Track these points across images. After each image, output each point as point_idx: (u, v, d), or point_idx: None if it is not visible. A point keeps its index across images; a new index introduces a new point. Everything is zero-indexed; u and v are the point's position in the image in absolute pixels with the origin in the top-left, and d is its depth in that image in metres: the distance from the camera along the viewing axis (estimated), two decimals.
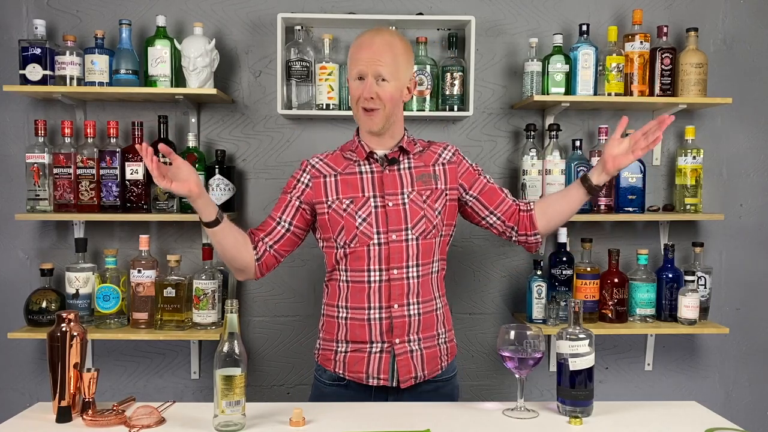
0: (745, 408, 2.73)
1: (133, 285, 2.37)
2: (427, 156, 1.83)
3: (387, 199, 1.75)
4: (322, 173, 1.79)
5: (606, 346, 2.68)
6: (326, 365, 1.82)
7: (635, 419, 1.59)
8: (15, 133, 2.55)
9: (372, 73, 1.72)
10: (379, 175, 1.78)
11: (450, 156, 1.85)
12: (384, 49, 1.73)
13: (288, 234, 1.80)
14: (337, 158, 1.82)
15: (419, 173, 1.79)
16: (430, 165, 1.82)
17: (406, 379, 1.75)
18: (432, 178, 1.80)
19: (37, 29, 2.37)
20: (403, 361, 1.75)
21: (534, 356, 1.57)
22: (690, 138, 2.54)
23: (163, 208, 2.42)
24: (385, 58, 1.72)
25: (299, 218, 1.80)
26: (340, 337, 1.78)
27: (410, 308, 1.75)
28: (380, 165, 1.79)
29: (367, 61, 1.72)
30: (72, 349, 1.52)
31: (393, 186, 1.77)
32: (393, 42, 1.76)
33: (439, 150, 1.85)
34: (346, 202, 1.75)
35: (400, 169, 1.79)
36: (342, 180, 1.78)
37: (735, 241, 2.69)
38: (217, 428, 1.45)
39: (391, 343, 1.74)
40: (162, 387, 2.60)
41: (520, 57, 2.59)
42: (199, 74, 2.34)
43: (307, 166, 1.82)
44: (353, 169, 1.79)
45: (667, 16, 2.61)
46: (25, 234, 2.57)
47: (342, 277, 1.78)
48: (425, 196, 1.77)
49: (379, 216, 1.74)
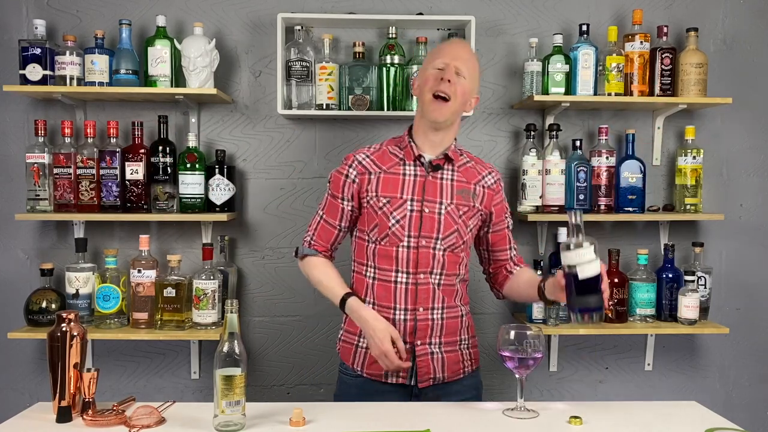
0: (745, 408, 2.73)
1: (133, 285, 2.37)
2: (471, 173, 1.84)
3: (425, 205, 1.76)
4: (368, 170, 1.80)
5: (606, 346, 2.68)
6: (346, 360, 1.84)
7: (635, 419, 1.59)
8: (15, 133, 2.55)
9: (454, 66, 1.74)
10: (422, 179, 1.78)
11: (492, 182, 1.87)
12: (468, 53, 1.82)
13: (345, 233, 1.89)
14: (383, 155, 1.82)
15: (460, 187, 1.81)
16: (471, 183, 1.83)
17: (425, 380, 1.79)
18: (471, 195, 1.82)
19: (37, 29, 2.37)
20: (423, 362, 1.78)
21: (534, 356, 1.57)
22: (690, 138, 2.54)
23: (163, 208, 2.42)
24: (469, 60, 1.79)
25: (354, 219, 1.86)
26: (363, 333, 1.78)
27: (434, 312, 1.78)
28: (425, 169, 1.79)
29: (453, 54, 1.76)
30: (72, 349, 1.52)
31: (433, 193, 1.77)
32: (473, 53, 1.87)
33: (484, 172, 1.87)
34: (383, 200, 1.76)
35: (442, 178, 1.80)
36: (384, 178, 1.78)
37: (735, 241, 2.69)
38: (217, 428, 1.45)
39: (413, 344, 1.77)
40: (162, 387, 2.60)
41: (520, 57, 2.59)
42: (199, 74, 2.34)
43: (354, 161, 1.82)
44: (398, 169, 1.79)
45: (667, 16, 2.61)
46: (25, 234, 2.57)
47: (370, 273, 1.80)
48: (462, 211, 1.79)
49: (413, 220, 1.75)
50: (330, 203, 1.85)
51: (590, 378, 2.69)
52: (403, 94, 2.46)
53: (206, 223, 2.53)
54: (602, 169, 2.48)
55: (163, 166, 2.41)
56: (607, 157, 2.48)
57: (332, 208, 1.84)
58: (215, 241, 2.51)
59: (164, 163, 2.41)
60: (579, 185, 2.47)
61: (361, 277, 1.83)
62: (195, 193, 2.41)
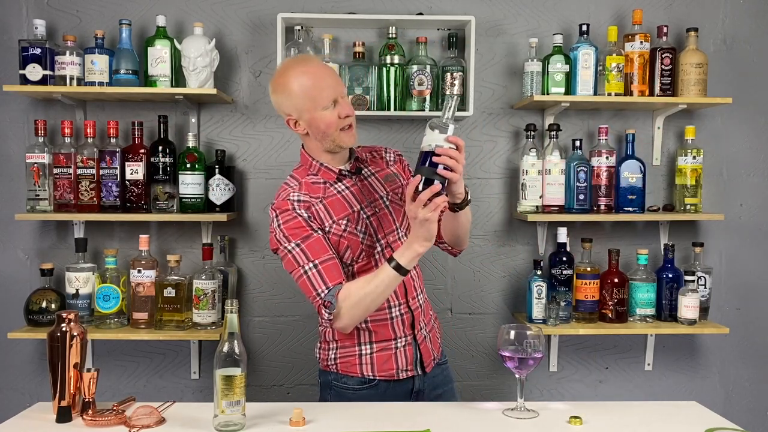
0: (745, 408, 2.73)
1: (133, 285, 2.37)
2: (376, 162, 1.87)
3: (374, 207, 1.78)
4: (310, 202, 1.73)
5: (606, 346, 2.68)
6: (351, 371, 1.79)
7: (635, 419, 1.59)
8: (15, 133, 2.55)
9: (340, 94, 1.72)
10: (355, 187, 1.79)
11: (393, 157, 1.90)
12: (329, 70, 1.77)
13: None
14: (309, 187, 1.76)
15: (383, 175, 1.84)
16: (384, 168, 1.87)
17: (428, 363, 1.84)
18: (394, 176, 1.86)
19: (37, 29, 2.37)
20: (424, 348, 1.83)
21: (534, 356, 1.57)
22: (690, 138, 2.54)
23: (163, 208, 2.42)
24: (335, 76, 1.76)
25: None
26: (363, 340, 1.78)
27: (419, 298, 1.84)
28: (351, 179, 1.79)
29: (331, 86, 1.70)
30: (72, 349, 1.52)
31: (370, 194, 1.79)
32: (322, 63, 1.82)
33: (383, 154, 1.90)
34: (342, 223, 1.73)
35: (367, 178, 1.82)
36: (329, 203, 1.75)
37: (735, 241, 2.69)
38: (217, 428, 1.45)
39: (413, 335, 1.81)
40: (162, 387, 2.60)
41: (520, 57, 2.59)
42: (199, 74, 2.34)
43: (292, 203, 1.71)
44: (331, 191, 1.76)
45: (667, 16, 2.61)
46: (25, 234, 2.57)
47: None
48: (399, 194, 1.83)
49: (373, 224, 1.76)
50: (309, 246, 1.67)
51: (590, 378, 2.69)
52: (403, 94, 2.46)
53: (206, 223, 2.53)
54: (602, 169, 2.48)
55: (163, 166, 2.41)
56: (607, 157, 2.48)
57: (314, 246, 1.67)
58: (215, 241, 2.51)
59: (164, 163, 2.41)
60: (579, 185, 2.47)
61: None
62: (195, 193, 2.41)
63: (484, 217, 2.63)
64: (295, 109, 1.72)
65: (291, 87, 1.70)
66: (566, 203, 2.49)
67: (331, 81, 1.72)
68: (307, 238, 1.67)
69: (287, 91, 1.71)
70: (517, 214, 2.54)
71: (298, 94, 1.69)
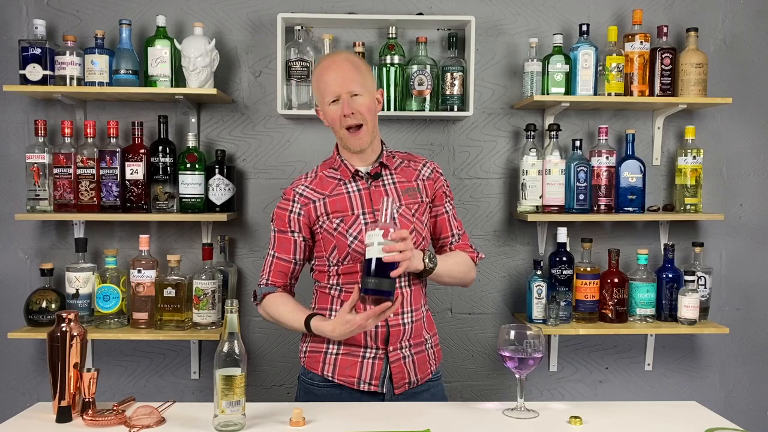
0: (745, 408, 2.73)
1: (133, 285, 2.37)
2: (408, 172, 1.85)
3: (377, 215, 1.74)
4: (311, 199, 1.78)
5: (606, 346, 2.68)
6: (314, 368, 1.80)
7: (635, 419, 1.59)
8: (15, 133, 2.55)
9: (345, 91, 1.71)
10: (366, 191, 1.78)
11: (429, 172, 1.87)
12: (347, 66, 1.75)
13: (302, 266, 1.86)
14: (321, 181, 1.80)
15: (404, 188, 1.81)
16: (412, 180, 1.84)
17: (401, 385, 1.78)
18: (417, 191, 1.82)
19: (37, 29, 2.37)
20: (398, 368, 1.77)
21: (534, 356, 1.57)
22: (690, 138, 2.54)
23: (163, 208, 2.42)
24: (351, 73, 1.74)
25: (307, 250, 1.83)
26: (332, 340, 1.77)
27: (404, 316, 1.77)
28: (365, 182, 1.79)
29: (337, 81, 1.72)
30: (72, 349, 1.52)
31: (380, 201, 1.75)
32: (350, 57, 1.81)
33: (419, 166, 1.87)
34: (336, 221, 1.74)
35: (385, 185, 1.80)
36: (330, 201, 1.77)
37: (735, 241, 2.69)
38: (217, 428, 1.45)
39: (385, 350, 1.76)
40: (162, 387, 2.60)
41: (520, 57, 2.59)
42: (199, 74, 2.34)
43: (294, 195, 1.80)
44: (340, 189, 1.78)
45: (667, 16, 2.61)
46: (25, 234, 2.57)
47: (334, 288, 1.79)
48: (413, 209, 1.79)
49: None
50: (279, 239, 1.80)
51: (590, 378, 2.69)
52: (403, 94, 2.46)
53: (206, 223, 2.53)
54: (602, 169, 2.48)
55: (163, 166, 2.41)
56: (607, 157, 2.48)
57: (283, 243, 1.80)
58: (215, 241, 2.51)
59: (164, 163, 2.41)
60: (579, 185, 2.47)
61: (325, 294, 1.82)
62: (195, 193, 2.41)
63: (484, 217, 2.63)
64: (318, 101, 1.81)
65: (313, 79, 1.81)
66: (566, 203, 2.49)
67: (338, 77, 1.72)
68: (283, 233, 1.81)
69: (312, 84, 1.83)
70: (517, 214, 2.54)
71: (314, 86, 1.81)
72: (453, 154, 2.61)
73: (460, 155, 2.61)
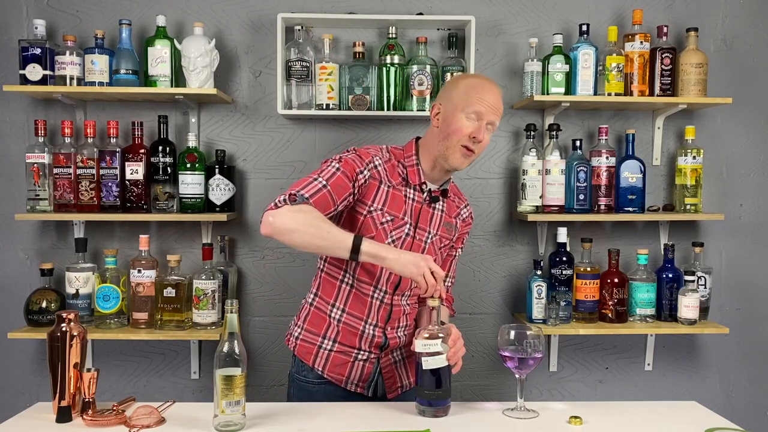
0: (745, 408, 2.73)
1: (133, 285, 2.37)
2: (452, 207, 1.88)
3: (417, 232, 1.77)
4: (380, 179, 1.73)
5: (606, 346, 2.68)
6: (305, 358, 1.80)
7: (635, 419, 1.59)
8: (15, 133, 2.55)
9: (488, 120, 1.69)
10: (418, 205, 1.78)
11: (466, 215, 1.92)
12: (500, 102, 1.73)
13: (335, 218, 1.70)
14: (392, 169, 1.76)
15: (446, 221, 1.84)
16: (453, 217, 1.87)
17: (393, 389, 1.80)
18: (453, 228, 1.86)
19: (37, 29, 2.37)
20: (389, 372, 1.79)
21: (534, 356, 1.57)
22: (690, 138, 2.54)
23: (163, 208, 2.42)
24: (500, 110, 1.73)
25: (345, 208, 1.72)
26: (328, 335, 1.78)
27: (399, 331, 1.81)
28: (422, 197, 1.78)
29: (491, 107, 1.69)
30: (72, 349, 1.52)
31: (425, 222, 1.79)
32: (499, 93, 1.76)
33: (461, 205, 1.91)
34: (387, 216, 1.73)
35: (435, 209, 1.82)
36: (392, 194, 1.74)
37: (735, 241, 2.69)
38: (217, 428, 1.45)
39: (378, 356, 1.79)
40: (162, 387, 2.60)
41: (520, 57, 2.59)
42: (199, 74, 2.34)
43: (370, 164, 1.71)
44: (402, 189, 1.76)
45: (667, 16, 2.61)
46: (25, 234, 2.57)
47: (347, 279, 1.77)
48: (443, 243, 1.84)
49: (405, 243, 1.75)
50: (339, 179, 1.64)
51: (590, 378, 2.69)
52: (403, 94, 2.46)
53: (206, 223, 2.53)
54: (602, 169, 2.48)
55: (163, 166, 2.41)
56: (607, 157, 2.48)
57: (340, 184, 1.64)
58: (215, 241, 2.51)
59: (164, 163, 2.41)
60: (579, 185, 2.47)
61: (333, 280, 1.78)
62: (195, 193, 2.41)
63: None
64: (448, 99, 1.73)
65: (461, 82, 1.74)
66: (566, 203, 2.49)
67: (495, 103, 1.69)
68: (345, 176, 1.64)
69: (455, 83, 1.76)
70: (517, 214, 2.54)
71: (460, 90, 1.71)
72: None
73: None
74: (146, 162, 2.40)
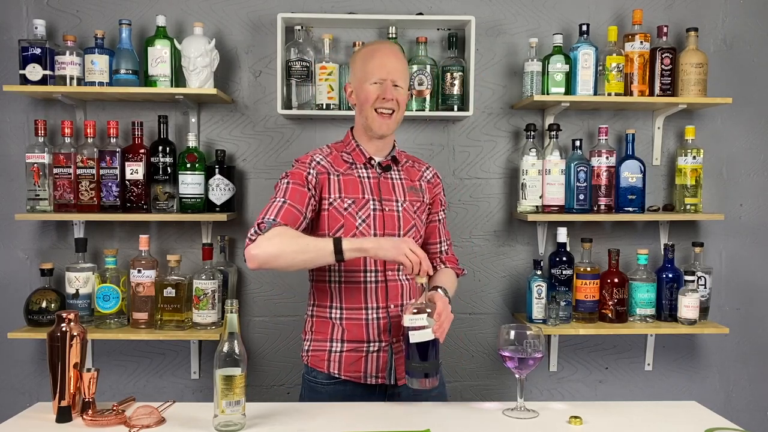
0: (745, 408, 2.73)
1: (133, 285, 2.37)
2: (413, 172, 1.91)
3: (384, 204, 1.80)
4: (327, 171, 1.80)
5: (606, 346, 2.68)
6: (319, 366, 1.80)
7: (635, 419, 1.59)
8: (15, 133, 2.55)
9: (391, 78, 1.77)
10: (376, 180, 1.82)
11: (431, 176, 1.95)
12: (399, 57, 1.82)
13: (307, 227, 1.76)
14: (336, 159, 1.83)
15: (409, 185, 1.87)
16: (416, 180, 1.90)
17: (403, 376, 1.77)
18: (419, 191, 1.88)
19: (37, 29, 2.37)
20: (401, 359, 1.78)
21: (534, 356, 1.57)
22: (690, 138, 2.54)
23: (163, 208, 2.42)
24: (400, 65, 1.81)
25: (313, 212, 1.76)
26: (335, 337, 1.78)
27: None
28: (376, 171, 1.83)
29: (388, 69, 1.78)
30: (72, 349, 1.52)
31: (388, 192, 1.82)
32: (399, 51, 1.87)
33: (423, 168, 1.95)
34: (348, 201, 1.77)
35: (392, 178, 1.85)
36: (344, 180, 1.80)
37: (735, 241, 2.69)
38: (217, 428, 1.45)
39: (389, 342, 1.78)
40: (162, 387, 2.60)
41: (520, 57, 2.59)
42: (199, 74, 2.34)
43: (312, 162, 1.80)
44: (353, 172, 1.82)
45: (667, 16, 2.61)
46: (25, 234, 2.57)
47: (334, 278, 1.79)
48: (416, 207, 1.85)
49: (377, 219, 1.77)
50: (294, 190, 1.72)
51: (590, 378, 2.69)
52: None
53: (206, 223, 2.53)
54: (602, 169, 2.48)
55: (163, 166, 2.41)
56: (607, 157, 2.48)
57: (297, 193, 1.72)
58: (215, 241, 2.52)
59: (164, 163, 2.41)
60: (579, 185, 2.47)
61: (322, 285, 1.81)
62: (195, 193, 2.42)
63: (484, 217, 2.63)
64: (353, 77, 1.84)
65: (357, 56, 1.84)
66: (566, 203, 2.49)
67: (389, 63, 1.78)
68: (298, 185, 1.74)
69: (354, 59, 1.86)
70: (517, 214, 2.54)
71: (358, 64, 1.82)
72: (453, 154, 2.61)
73: (460, 155, 2.61)
74: (146, 162, 2.40)
